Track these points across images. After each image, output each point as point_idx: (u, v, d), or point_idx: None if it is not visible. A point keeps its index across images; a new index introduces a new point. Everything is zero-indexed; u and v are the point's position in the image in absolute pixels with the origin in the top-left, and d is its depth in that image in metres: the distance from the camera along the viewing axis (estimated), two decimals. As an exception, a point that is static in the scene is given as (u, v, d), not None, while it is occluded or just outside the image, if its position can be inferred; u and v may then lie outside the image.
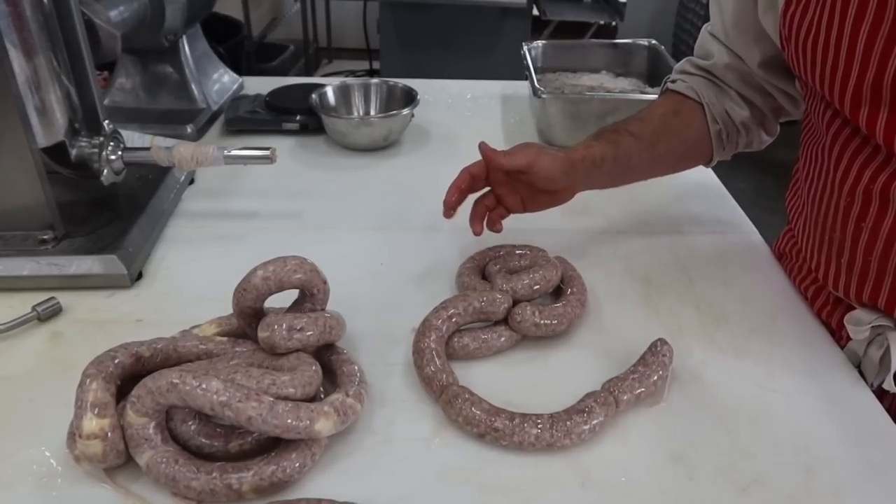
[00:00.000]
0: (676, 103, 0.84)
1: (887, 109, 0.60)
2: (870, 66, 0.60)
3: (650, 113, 0.84)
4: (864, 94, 0.61)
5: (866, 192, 0.66)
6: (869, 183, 0.65)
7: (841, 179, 0.68)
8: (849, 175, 0.67)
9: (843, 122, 0.67)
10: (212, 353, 0.62)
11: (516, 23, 2.56)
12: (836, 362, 0.70)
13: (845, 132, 0.67)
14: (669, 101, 0.85)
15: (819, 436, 0.61)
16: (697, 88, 0.84)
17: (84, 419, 0.53)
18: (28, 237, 0.77)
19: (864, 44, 0.60)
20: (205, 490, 0.52)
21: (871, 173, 0.65)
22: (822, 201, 0.73)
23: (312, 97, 1.12)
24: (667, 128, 0.83)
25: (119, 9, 0.92)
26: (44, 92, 0.73)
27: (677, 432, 0.61)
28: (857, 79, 0.62)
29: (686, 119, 0.83)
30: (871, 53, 0.60)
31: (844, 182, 0.68)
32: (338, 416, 0.55)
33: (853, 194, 0.67)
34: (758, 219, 0.96)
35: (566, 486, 0.56)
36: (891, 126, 0.60)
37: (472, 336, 0.69)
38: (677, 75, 0.88)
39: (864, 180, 0.66)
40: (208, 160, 0.84)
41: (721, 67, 0.83)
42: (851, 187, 0.67)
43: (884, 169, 0.64)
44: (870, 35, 0.59)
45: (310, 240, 0.87)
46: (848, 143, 0.67)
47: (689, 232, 0.93)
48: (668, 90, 0.87)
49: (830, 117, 0.69)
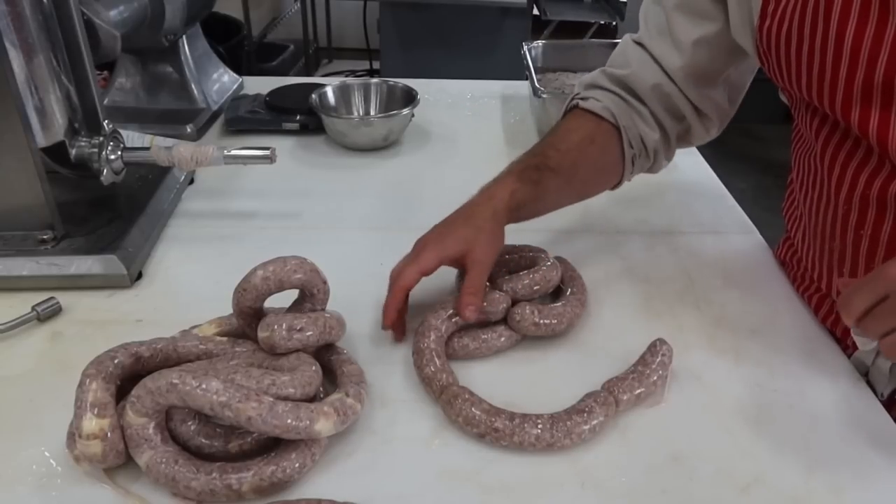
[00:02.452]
0: (592, 129, 0.79)
1: (879, 108, 0.60)
2: (859, 66, 0.60)
3: (566, 140, 0.78)
4: (855, 94, 0.61)
5: (863, 199, 0.65)
6: (865, 188, 0.65)
7: (836, 187, 0.68)
8: (843, 182, 0.67)
9: (832, 128, 0.67)
10: (212, 353, 0.62)
11: (516, 23, 2.56)
12: (837, 362, 0.70)
13: (835, 138, 0.67)
14: (585, 125, 0.79)
15: (819, 436, 0.61)
16: (613, 110, 0.79)
17: (84, 419, 0.53)
18: (28, 237, 0.77)
19: (850, 44, 0.60)
20: (205, 490, 0.52)
21: (867, 178, 0.64)
22: (819, 211, 0.72)
23: (312, 97, 1.12)
24: (584, 158, 0.78)
25: (119, 9, 0.92)
26: (43, 92, 0.73)
27: (677, 432, 0.61)
28: (846, 80, 0.61)
29: (602, 146, 0.79)
30: (859, 53, 0.59)
31: (840, 190, 0.67)
32: (338, 416, 0.55)
33: (850, 202, 0.67)
34: (758, 219, 0.96)
35: (566, 486, 0.56)
36: (884, 124, 0.60)
37: (471, 336, 0.69)
38: (588, 91, 0.82)
39: (859, 186, 0.65)
40: (208, 160, 0.84)
41: (638, 79, 0.79)
42: (847, 195, 0.67)
43: (878, 173, 0.63)
44: (856, 35, 0.59)
45: (310, 240, 0.87)
46: (839, 149, 0.67)
47: (689, 232, 0.93)
48: (578, 108, 0.81)
49: (819, 125, 0.69)
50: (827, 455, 0.59)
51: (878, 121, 0.60)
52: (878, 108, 0.60)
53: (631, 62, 0.80)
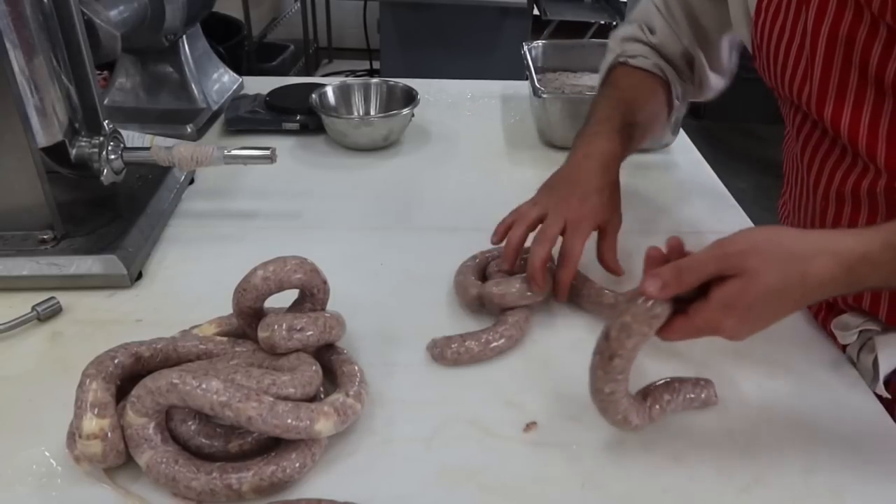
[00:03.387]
0: (651, 83, 0.85)
1: (850, 107, 0.61)
2: (834, 64, 0.61)
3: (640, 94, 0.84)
4: (830, 92, 0.62)
5: (839, 194, 0.66)
6: (840, 185, 0.66)
7: (814, 184, 0.69)
8: (821, 179, 0.68)
9: (812, 127, 0.69)
10: (212, 353, 0.62)
11: (516, 22, 2.56)
12: (837, 363, 0.70)
13: (815, 137, 0.69)
14: (645, 80, 0.85)
15: (819, 436, 0.61)
16: (662, 66, 0.85)
17: (84, 419, 0.53)
18: (28, 237, 0.77)
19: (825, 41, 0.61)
20: (205, 490, 0.52)
21: (842, 175, 0.66)
22: (802, 207, 0.74)
23: (312, 97, 1.12)
24: (654, 111, 0.84)
25: (119, 8, 0.92)
26: (44, 92, 0.73)
27: (677, 432, 0.61)
28: (820, 78, 0.63)
29: (660, 100, 0.85)
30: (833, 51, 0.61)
31: (818, 185, 0.69)
32: (338, 416, 0.55)
33: (827, 197, 0.68)
34: (758, 219, 0.95)
35: (566, 486, 0.56)
36: (854, 123, 0.61)
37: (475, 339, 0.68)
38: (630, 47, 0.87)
39: (835, 182, 0.67)
40: (208, 160, 0.84)
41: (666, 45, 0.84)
42: (825, 190, 0.68)
43: (852, 170, 0.65)
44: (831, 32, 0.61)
45: (310, 240, 0.87)
46: (818, 148, 0.68)
47: (689, 232, 0.93)
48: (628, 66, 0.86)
49: (800, 123, 0.71)
50: (827, 455, 0.59)
51: (849, 119, 0.62)
52: (850, 106, 0.61)
53: (656, 28, 0.85)
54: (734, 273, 0.51)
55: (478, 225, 0.80)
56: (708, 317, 0.52)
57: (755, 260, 0.51)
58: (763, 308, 0.52)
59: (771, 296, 0.51)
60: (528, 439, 0.60)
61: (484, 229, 0.77)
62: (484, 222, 0.77)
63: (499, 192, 0.98)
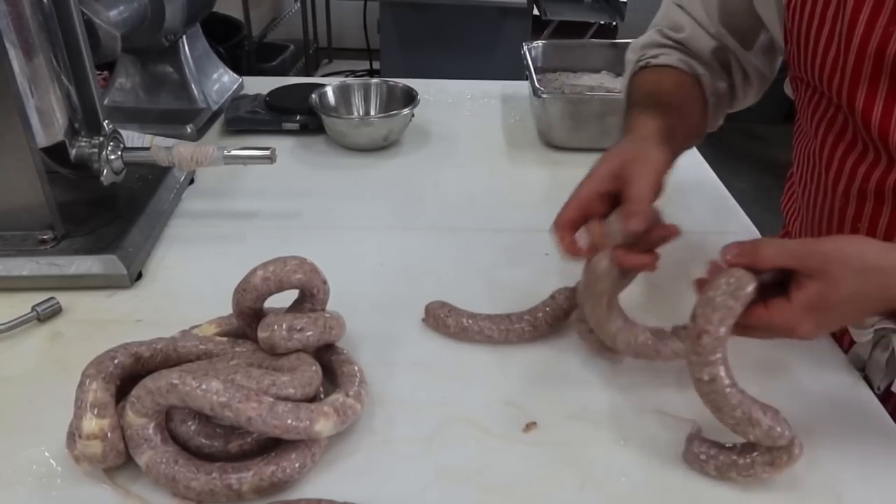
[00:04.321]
0: (676, 77, 0.79)
1: (883, 97, 0.60)
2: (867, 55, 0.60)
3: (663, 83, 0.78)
4: (862, 82, 0.61)
5: (860, 192, 0.65)
6: (862, 182, 0.65)
7: (834, 181, 0.68)
8: (841, 175, 0.67)
9: (832, 120, 0.67)
10: (212, 353, 0.62)
11: (516, 23, 2.56)
12: (837, 362, 0.70)
13: (835, 131, 0.67)
14: (668, 75, 0.79)
15: (819, 436, 0.61)
16: (689, 62, 0.80)
17: (84, 419, 0.53)
18: (28, 237, 0.77)
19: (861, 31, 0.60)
20: (205, 490, 0.52)
21: (864, 171, 0.65)
22: (817, 205, 0.72)
23: (312, 97, 1.12)
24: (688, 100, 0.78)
25: (119, 9, 0.92)
26: (44, 92, 0.73)
27: (677, 432, 0.61)
28: (854, 67, 0.61)
29: (692, 95, 0.79)
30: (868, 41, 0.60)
31: (838, 183, 0.68)
32: (338, 416, 0.55)
33: (847, 195, 0.67)
34: (758, 219, 0.95)
35: (566, 486, 0.56)
36: (886, 114, 0.60)
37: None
38: (651, 51, 0.82)
39: (857, 179, 0.65)
40: (208, 160, 0.84)
41: (695, 39, 0.80)
42: (845, 188, 0.67)
43: (876, 165, 0.64)
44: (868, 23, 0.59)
45: (310, 240, 0.87)
46: (838, 142, 0.67)
47: (689, 232, 0.92)
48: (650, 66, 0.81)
49: (820, 118, 0.69)
50: (827, 455, 0.59)
51: (881, 110, 0.61)
52: (882, 97, 0.60)
53: (684, 26, 0.81)
54: (812, 275, 0.52)
55: (477, 225, 0.80)
56: (789, 317, 0.53)
57: (837, 267, 0.51)
58: (844, 312, 0.54)
59: (852, 303, 0.52)
60: (528, 439, 0.60)
61: (484, 229, 0.77)
62: (484, 222, 0.78)
63: (499, 192, 0.99)
